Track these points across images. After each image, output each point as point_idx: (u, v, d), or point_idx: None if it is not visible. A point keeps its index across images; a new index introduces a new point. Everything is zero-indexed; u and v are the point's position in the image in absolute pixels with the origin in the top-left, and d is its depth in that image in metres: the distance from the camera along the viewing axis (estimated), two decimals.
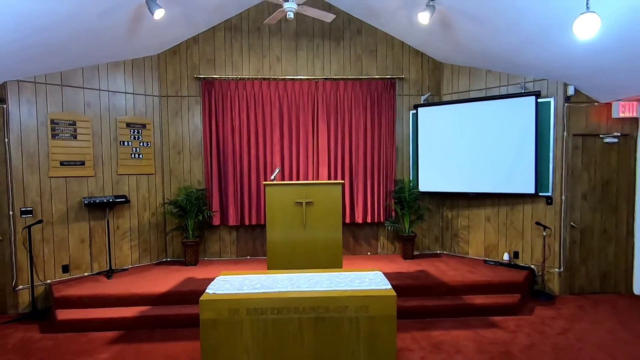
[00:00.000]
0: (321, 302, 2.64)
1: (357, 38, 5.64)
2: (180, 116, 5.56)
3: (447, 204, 5.80)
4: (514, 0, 3.68)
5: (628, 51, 3.63)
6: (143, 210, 5.37)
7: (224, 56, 5.55)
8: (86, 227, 4.90)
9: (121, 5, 4.02)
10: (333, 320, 2.63)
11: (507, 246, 5.24)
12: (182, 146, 5.58)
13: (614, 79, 4.21)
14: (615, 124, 4.75)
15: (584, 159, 4.82)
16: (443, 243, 5.89)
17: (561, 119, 4.74)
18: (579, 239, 4.86)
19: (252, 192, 5.55)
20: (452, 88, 5.65)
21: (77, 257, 4.82)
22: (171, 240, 5.61)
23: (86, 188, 4.88)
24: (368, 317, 2.63)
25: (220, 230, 5.67)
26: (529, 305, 4.50)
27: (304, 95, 5.57)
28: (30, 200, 4.48)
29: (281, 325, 2.61)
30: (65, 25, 3.83)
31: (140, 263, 5.35)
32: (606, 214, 4.87)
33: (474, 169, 5.26)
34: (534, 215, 4.99)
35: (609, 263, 4.90)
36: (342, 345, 2.62)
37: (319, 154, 5.59)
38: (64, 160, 4.70)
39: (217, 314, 2.59)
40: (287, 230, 4.00)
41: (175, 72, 5.52)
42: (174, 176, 5.58)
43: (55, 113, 4.64)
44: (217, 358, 2.59)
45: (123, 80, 5.16)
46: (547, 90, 4.83)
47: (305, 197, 4.01)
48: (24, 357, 3.42)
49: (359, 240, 5.81)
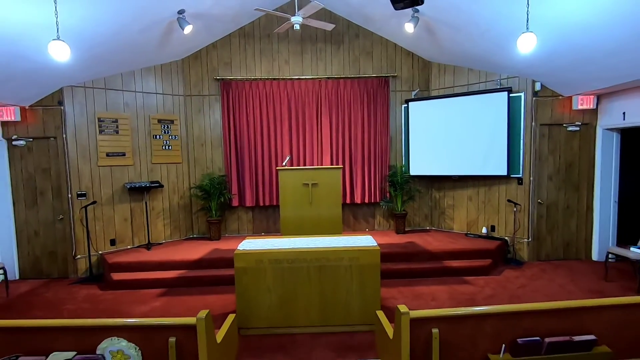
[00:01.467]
0: (324, 255, 3.53)
1: (355, 41, 6.43)
2: (202, 112, 6.44)
3: (435, 186, 6.64)
4: (483, 13, 4.44)
5: (576, 55, 4.40)
6: (173, 194, 6.30)
7: (239, 60, 6.38)
8: (128, 208, 5.84)
9: (156, 23, 4.87)
10: (333, 267, 3.52)
11: (485, 221, 6.09)
12: (204, 138, 6.47)
13: (570, 77, 4.98)
14: (577, 115, 5.52)
15: (549, 145, 5.61)
16: (432, 220, 6.75)
17: (530, 111, 5.53)
18: (545, 213, 5.69)
19: (265, 177, 6.44)
20: (439, 84, 6.43)
21: (121, 232, 5.78)
22: (197, 219, 6.55)
23: (127, 175, 5.81)
24: (359, 265, 3.52)
25: (238, 210, 6.59)
26: (500, 268, 5.37)
27: (309, 92, 6.40)
28: (84, 185, 5.42)
29: (294, 271, 3.51)
30: (111, 40, 4.70)
31: (172, 238, 6.30)
32: (569, 192, 5.68)
33: (457, 154, 6.07)
34: (507, 194, 5.82)
35: (571, 234, 5.73)
36: (340, 285, 3.52)
37: (322, 143, 6.44)
38: (109, 152, 5.62)
39: (247, 264, 3.50)
40: (296, 206, 4.88)
41: (197, 75, 6.37)
42: (198, 164, 6.49)
43: (101, 112, 5.54)
44: (247, 296, 3.51)
45: (154, 82, 6.03)
46: (518, 86, 5.60)
47: (311, 179, 4.88)
48: (93, 305, 4.39)
49: (358, 218, 6.69)
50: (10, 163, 5.27)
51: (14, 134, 5.20)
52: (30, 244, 5.40)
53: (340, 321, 3.54)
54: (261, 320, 3.54)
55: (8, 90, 4.67)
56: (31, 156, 5.30)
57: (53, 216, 5.38)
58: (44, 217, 5.38)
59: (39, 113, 5.22)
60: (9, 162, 5.27)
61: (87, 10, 3.87)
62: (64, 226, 5.37)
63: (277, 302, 3.53)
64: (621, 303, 2.30)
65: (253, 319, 3.53)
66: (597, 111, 5.51)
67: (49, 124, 5.23)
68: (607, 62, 4.25)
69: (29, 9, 3.48)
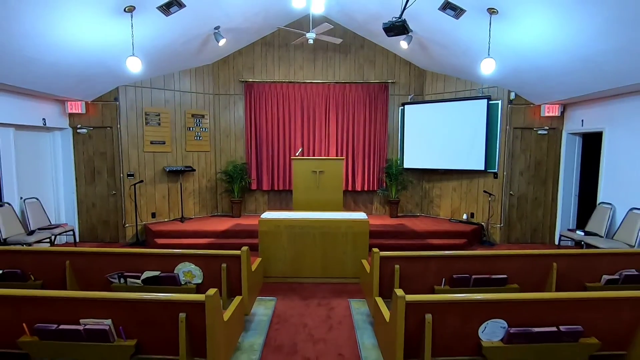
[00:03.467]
0: (326, 224, 4.64)
1: (360, 51, 7.47)
2: (228, 109, 7.57)
3: (425, 178, 7.69)
4: (461, 36, 5.46)
5: (536, 73, 5.40)
6: (202, 177, 7.47)
7: (260, 65, 7.48)
8: (166, 187, 7.03)
9: (197, 36, 5.99)
10: (332, 234, 4.63)
11: (466, 208, 7.14)
12: (229, 131, 7.61)
13: (536, 89, 5.98)
14: (546, 120, 6.51)
15: (521, 145, 6.62)
16: (422, 207, 7.81)
17: (506, 115, 6.53)
18: (516, 203, 6.71)
19: (280, 165, 7.57)
20: (432, 90, 7.45)
21: (160, 207, 6.97)
22: (221, 199, 7.72)
23: (166, 160, 6.99)
24: (353, 232, 4.62)
25: (256, 193, 7.74)
26: (474, 247, 6.43)
27: (319, 94, 7.48)
28: (132, 167, 6.61)
29: (303, 235, 4.63)
30: (162, 51, 5.84)
31: (200, 215, 7.48)
32: (537, 185, 6.68)
33: (444, 151, 7.11)
34: (485, 185, 6.85)
35: (537, 221, 6.75)
36: (337, 247, 4.63)
37: (329, 138, 7.53)
38: (152, 140, 6.79)
39: (268, 228, 4.63)
40: (306, 189, 6.00)
41: (225, 77, 7.49)
42: (223, 153, 7.64)
43: (147, 107, 6.70)
44: (268, 252, 4.64)
45: (189, 82, 7.17)
46: (496, 95, 6.60)
47: (318, 168, 5.99)
48: None
49: (358, 203, 7.79)
50: (74, 147, 6.48)
51: (78, 123, 6.39)
52: (89, 214, 6.62)
53: (337, 274, 4.67)
54: (277, 271, 4.68)
55: (80, 89, 5.85)
56: (91, 142, 6.50)
57: (107, 191, 6.58)
58: (100, 192, 6.59)
59: (99, 107, 6.40)
60: (74, 146, 6.47)
61: (148, 29, 5.01)
62: (115, 200, 6.58)
63: (289, 258, 4.66)
64: (526, 254, 3.38)
65: (271, 270, 4.67)
66: (563, 118, 6.48)
67: (107, 116, 6.42)
68: (561, 79, 5.25)
69: (109, 30, 4.62)
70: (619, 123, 5.35)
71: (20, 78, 4.80)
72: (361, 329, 3.48)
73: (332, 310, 3.93)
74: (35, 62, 4.58)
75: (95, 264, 3.37)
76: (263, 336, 3.34)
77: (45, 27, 4.10)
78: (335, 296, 4.30)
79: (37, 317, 2.33)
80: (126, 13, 4.47)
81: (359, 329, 3.50)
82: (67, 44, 4.54)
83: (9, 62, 4.36)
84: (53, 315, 2.32)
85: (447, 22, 5.05)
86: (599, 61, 4.35)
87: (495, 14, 4.44)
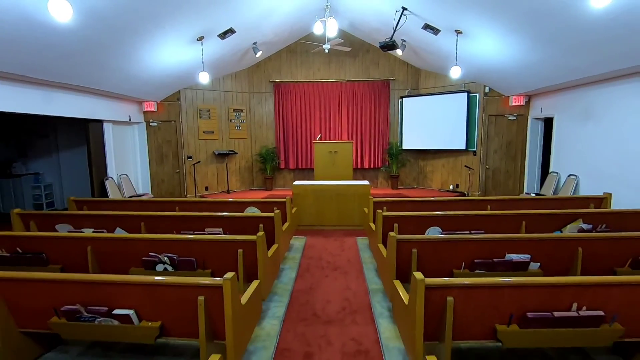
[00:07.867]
0: (340, 188, 6.53)
1: (366, 55, 9.20)
2: (261, 105, 9.48)
3: (421, 157, 9.46)
4: (441, 45, 7.14)
5: (498, 74, 7.08)
6: (241, 159, 9.45)
7: (286, 68, 9.31)
8: (215, 167, 9.03)
9: (240, 50, 7.87)
10: (344, 195, 6.52)
11: (452, 181, 8.89)
12: (262, 122, 9.53)
13: (502, 85, 7.63)
14: (514, 109, 8.15)
15: (495, 129, 8.29)
16: (418, 180, 9.61)
17: (482, 105, 8.20)
18: (491, 175, 8.43)
19: (303, 148, 9.47)
20: (426, 85, 9.14)
21: (211, 183, 9.00)
22: (256, 176, 9.69)
23: (214, 145, 8.98)
24: (359, 194, 6.50)
25: (284, 171, 9.68)
26: None
27: (334, 91, 9.28)
28: (190, 151, 8.62)
29: (324, 196, 6.54)
30: (216, 64, 7.75)
31: (240, 189, 9.49)
32: (508, 161, 8.37)
33: (435, 134, 8.84)
34: (467, 162, 8.58)
35: (509, 190, 8.46)
36: (348, 204, 6.52)
37: (341, 126, 9.36)
38: (205, 130, 8.77)
39: (299, 191, 6.55)
40: (324, 167, 7.88)
41: (258, 78, 9.37)
42: (257, 140, 9.58)
43: (200, 104, 8.67)
44: (299, 209, 6.56)
45: (231, 84, 9.09)
46: (475, 89, 8.26)
47: (333, 149, 7.85)
48: None
49: (366, 178, 9.64)
50: (147, 137, 8.52)
51: (150, 118, 8.41)
52: (159, 187, 8.71)
53: (348, 223, 6.57)
54: (305, 220, 6.61)
55: (154, 93, 7.84)
56: (160, 132, 8.53)
57: (172, 170, 8.63)
58: (167, 170, 8.64)
59: (165, 105, 8.39)
60: (147, 136, 8.52)
61: (208, 49, 6.91)
62: (179, 176, 8.63)
63: (314, 212, 6.58)
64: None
65: (301, 220, 6.61)
66: (528, 106, 8.12)
67: (172, 112, 8.41)
68: (514, 78, 6.92)
69: (183, 53, 6.55)
70: (562, 111, 6.99)
71: (120, 86, 6.81)
72: (363, 251, 5.38)
73: (344, 243, 5.85)
74: (135, 78, 6.56)
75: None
76: (300, 254, 5.28)
77: (145, 54, 6.05)
78: (347, 236, 6.22)
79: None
80: (197, 42, 6.38)
81: (362, 250, 5.40)
82: (155, 63, 6.49)
83: (117, 78, 6.35)
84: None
85: (429, 36, 6.75)
86: (534, 67, 6.03)
87: (460, 34, 6.14)
